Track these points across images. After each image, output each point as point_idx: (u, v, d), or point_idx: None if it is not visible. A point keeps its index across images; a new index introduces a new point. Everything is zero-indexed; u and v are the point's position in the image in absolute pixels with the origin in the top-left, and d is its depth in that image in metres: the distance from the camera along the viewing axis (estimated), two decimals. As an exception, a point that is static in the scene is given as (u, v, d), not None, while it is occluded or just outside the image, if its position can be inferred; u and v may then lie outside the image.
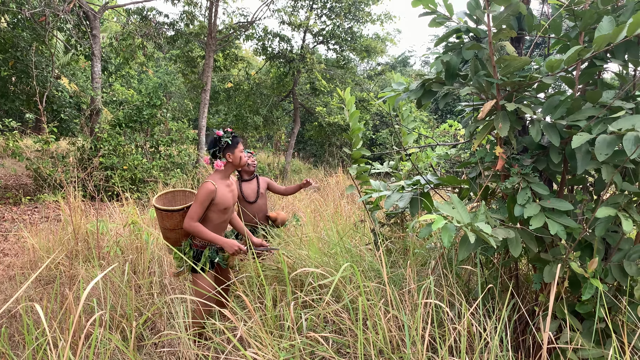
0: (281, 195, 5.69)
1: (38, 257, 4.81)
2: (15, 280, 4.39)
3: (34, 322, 2.79)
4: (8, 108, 11.52)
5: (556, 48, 2.56)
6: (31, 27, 10.39)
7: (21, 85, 10.68)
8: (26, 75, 10.35)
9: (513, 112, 2.27)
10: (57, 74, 12.17)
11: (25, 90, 10.78)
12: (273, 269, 3.44)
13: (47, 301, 3.30)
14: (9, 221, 7.15)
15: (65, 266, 4.47)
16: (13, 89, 10.64)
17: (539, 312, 2.39)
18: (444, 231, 1.91)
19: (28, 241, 5.01)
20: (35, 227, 5.92)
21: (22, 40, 10.37)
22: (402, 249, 3.72)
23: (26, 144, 10.94)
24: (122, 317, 3.31)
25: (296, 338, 2.30)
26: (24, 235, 5.46)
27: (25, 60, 10.26)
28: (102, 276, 3.66)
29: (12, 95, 10.87)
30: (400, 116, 3.92)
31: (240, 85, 16.69)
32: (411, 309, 2.52)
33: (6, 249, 5.69)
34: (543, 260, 2.32)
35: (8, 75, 10.14)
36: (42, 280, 4.40)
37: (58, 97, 10.95)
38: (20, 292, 1.93)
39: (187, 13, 13.22)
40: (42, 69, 10.78)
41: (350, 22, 14.77)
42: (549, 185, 2.65)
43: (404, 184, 3.20)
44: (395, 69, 29.78)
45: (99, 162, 9.06)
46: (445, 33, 2.56)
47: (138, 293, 3.77)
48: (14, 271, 4.73)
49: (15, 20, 10.44)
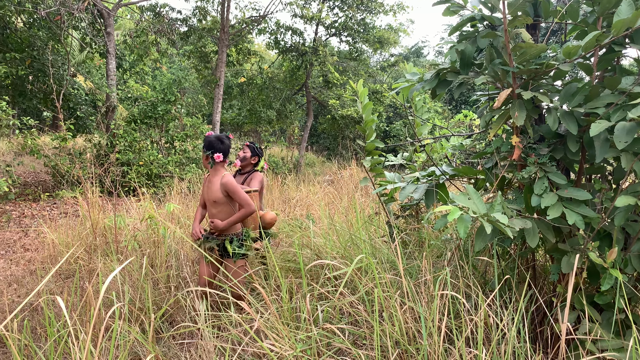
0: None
1: (58, 251, 4.89)
2: (36, 275, 4.47)
3: (55, 315, 2.85)
4: (26, 106, 11.68)
5: (573, 34, 2.51)
6: (47, 27, 10.51)
7: (38, 84, 10.82)
8: (43, 73, 10.48)
9: (529, 101, 2.24)
10: (73, 72, 12.31)
11: (42, 89, 10.92)
12: (288, 260, 3.45)
13: (68, 294, 3.36)
14: (29, 217, 7.28)
15: (84, 260, 4.54)
16: (30, 87, 10.78)
17: (557, 303, 2.37)
18: (459, 222, 1.89)
19: (48, 236, 5.09)
20: (54, 222, 6.01)
21: (38, 40, 10.49)
22: (417, 241, 3.70)
23: (44, 141, 11.09)
24: (141, 310, 3.36)
25: (312, 330, 2.31)
26: (43, 231, 5.55)
27: (42, 59, 10.38)
28: (121, 270, 3.71)
29: (30, 94, 11.01)
30: (413, 107, 3.89)
31: (253, 79, 16.71)
32: (427, 300, 2.51)
33: (27, 244, 5.79)
34: (561, 251, 2.29)
35: (25, 74, 10.27)
36: (62, 275, 4.47)
37: (74, 94, 11.07)
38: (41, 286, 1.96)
39: (199, 8, 13.26)
40: (58, 68, 10.90)
41: (362, 13, 14.67)
42: (567, 174, 2.61)
43: (418, 175, 3.18)
44: (409, 60, 29.55)
45: (116, 158, 9.16)
46: (459, 22, 2.52)
47: (156, 286, 3.82)
48: (34, 266, 4.82)
49: (31, 20, 10.56)
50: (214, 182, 3.45)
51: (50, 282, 4.14)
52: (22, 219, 7.14)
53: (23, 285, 4.27)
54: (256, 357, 2.59)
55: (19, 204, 8.19)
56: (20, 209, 7.84)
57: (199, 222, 3.63)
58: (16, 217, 7.27)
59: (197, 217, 3.67)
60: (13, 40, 10.37)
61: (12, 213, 7.45)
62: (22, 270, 4.76)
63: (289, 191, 8.82)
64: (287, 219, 5.41)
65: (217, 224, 3.41)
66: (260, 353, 2.55)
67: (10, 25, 10.30)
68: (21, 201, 8.38)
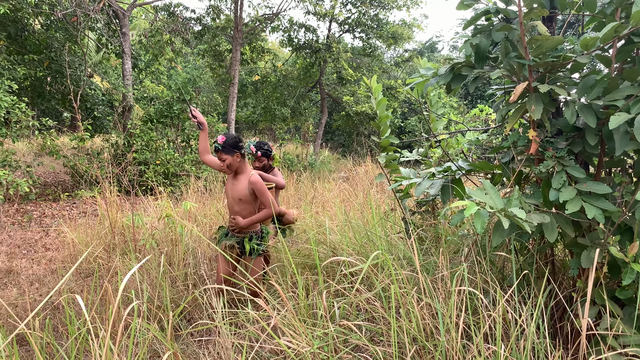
0: None
1: (77, 251, 4.97)
2: (57, 274, 4.55)
3: (75, 313, 2.90)
4: (45, 107, 11.87)
5: (591, 26, 2.47)
6: (64, 28, 10.65)
7: (56, 85, 10.98)
8: (60, 75, 10.63)
9: (546, 94, 2.21)
10: (90, 73, 12.46)
11: (60, 90, 11.08)
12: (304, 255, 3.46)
13: (87, 293, 3.42)
14: (49, 217, 7.40)
15: (103, 259, 4.61)
16: (49, 88, 10.95)
17: (577, 298, 2.34)
18: (476, 217, 1.88)
19: (68, 236, 5.18)
20: (74, 222, 6.11)
21: (55, 41, 10.64)
22: (434, 237, 3.68)
23: (63, 142, 11.28)
24: (159, 308, 3.40)
25: (329, 326, 2.31)
26: (63, 230, 5.64)
27: (59, 60, 10.53)
28: (139, 268, 3.76)
29: (48, 95, 11.19)
30: (428, 102, 3.86)
31: (267, 77, 16.75)
32: (444, 296, 2.50)
33: (48, 244, 5.90)
34: (580, 245, 2.26)
35: (44, 76, 10.43)
36: (82, 273, 4.54)
37: (91, 95, 11.22)
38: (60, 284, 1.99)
39: (213, 7, 13.32)
40: (75, 69, 11.05)
41: (375, 9, 14.60)
42: (585, 168, 2.57)
43: (434, 170, 3.16)
44: (423, 55, 29.34)
45: (133, 158, 9.26)
46: (473, 15, 2.50)
47: (174, 284, 3.86)
48: (55, 265, 4.90)
49: (48, 21, 10.72)
50: (240, 180, 3.47)
51: (71, 281, 4.21)
52: (43, 219, 7.27)
53: (44, 284, 4.35)
54: (273, 354, 2.60)
55: (40, 204, 8.33)
56: (41, 208, 7.98)
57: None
58: (37, 217, 7.41)
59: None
60: (31, 42, 10.54)
61: (33, 213, 7.59)
62: (44, 269, 4.84)
63: (304, 188, 8.83)
64: (303, 216, 5.42)
65: (238, 221, 3.44)
66: (277, 350, 2.56)
67: (28, 27, 10.47)
68: (42, 201, 8.53)
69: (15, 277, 4.62)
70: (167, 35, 12.28)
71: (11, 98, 7.36)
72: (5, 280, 4.54)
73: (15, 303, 3.84)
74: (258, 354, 2.63)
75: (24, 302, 3.81)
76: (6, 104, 7.17)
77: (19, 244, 5.86)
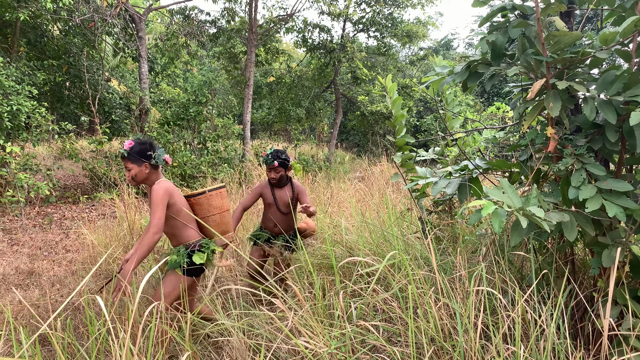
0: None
1: (97, 252, 5.04)
2: (77, 275, 4.62)
3: (95, 314, 2.94)
4: (64, 112, 12.08)
5: (610, 20, 2.43)
6: (82, 33, 10.84)
7: (75, 90, 11.17)
8: (79, 79, 10.81)
9: (564, 91, 2.17)
10: (107, 77, 12.65)
11: (78, 94, 11.27)
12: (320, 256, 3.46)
13: (107, 294, 3.46)
14: (69, 219, 7.52)
15: (122, 260, 4.66)
16: (67, 93, 11.15)
17: (598, 298, 2.30)
18: (494, 217, 1.86)
19: (87, 238, 5.25)
20: (93, 224, 6.20)
21: (74, 46, 10.83)
22: (451, 237, 3.65)
23: (82, 145, 11.45)
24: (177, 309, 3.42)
25: (346, 327, 2.31)
26: (83, 232, 5.73)
27: (78, 65, 10.71)
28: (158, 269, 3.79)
29: (67, 100, 11.39)
30: (444, 101, 3.83)
31: (282, 78, 16.79)
32: (462, 296, 2.47)
33: (68, 246, 5.99)
34: (601, 244, 2.22)
35: (62, 81, 10.62)
36: (101, 274, 4.61)
37: (109, 99, 11.38)
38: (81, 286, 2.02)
39: (227, 10, 13.40)
40: (93, 73, 11.23)
41: (390, 7, 14.55)
42: (606, 165, 2.53)
43: (451, 169, 3.14)
44: (438, 53, 29.16)
45: (150, 160, 9.34)
46: (489, 12, 2.47)
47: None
48: (75, 266, 4.98)
49: (67, 27, 10.91)
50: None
51: (91, 282, 4.27)
52: (63, 221, 7.39)
53: (65, 285, 4.42)
54: (291, 354, 2.61)
55: (60, 206, 8.47)
56: (61, 211, 8.12)
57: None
58: (57, 219, 7.53)
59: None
60: (50, 48, 10.74)
61: (54, 215, 7.72)
62: (64, 270, 4.92)
63: (319, 189, 8.83)
64: (318, 216, 5.42)
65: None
66: (294, 350, 2.57)
67: (47, 33, 10.67)
68: (62, 204, 8.67)
69: (37, 278, 4.71)
70: (182, 39, 12.40)
71: (31, 103, 7.50)
72: (28, 282, 4.63)
73: (38, 304, 3.91)
74: (275, 355, 2.64)
75: (45, 303, 3.87)
76: (27, 108, 7.31)
77: (40, 245, 5.96)
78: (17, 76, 7.99)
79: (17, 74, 8.03)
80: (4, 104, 6.99)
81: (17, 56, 9.32)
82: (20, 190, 6.85)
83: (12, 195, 6.70)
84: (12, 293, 4.26)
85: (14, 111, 7.16)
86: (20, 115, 7.27)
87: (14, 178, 6.66)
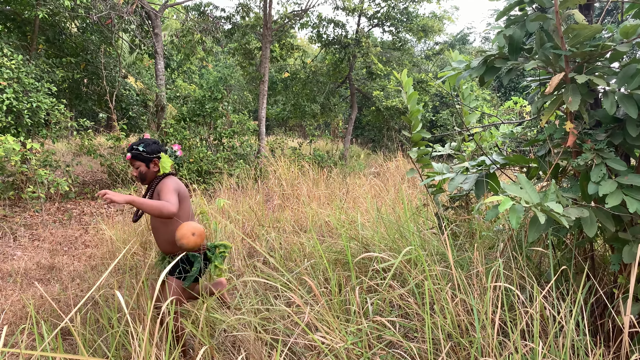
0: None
1: (115, 247, 5.12)
2: (96, 270, 4.69)
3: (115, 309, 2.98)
4: (82, 108, 12.24)
5: (631, 13, 2.38)
6: (99, 31, 10.96)
7: (92, 86, 11.31)
8: (96, 76, 10.94)
9: (584, 85, 2.14)
10: (124, 74, 12.78)
11: (96, 91, 11.41)
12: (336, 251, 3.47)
13: (126, 289, 3.52)
14: (88, 215, 7.64)
15: (140, 255, 4.73)
16: (85, 90, 11.29)
17: (619, 294, 2.27)
18: (511, 212, 1.85)
19: (106, 233, 5.33)
20: (111, 219, 6.29)
21: (91, 44, 10.96)
22: (468, 232, 3.63)
23: (100, 141, 11.59)
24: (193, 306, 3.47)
25: (363, 322, 2.31)
26: (102, 228, 5.82)
27: (95, 62, 10.84)
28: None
29: (85, 96, 11.54)
30: (460, 95, 3.80)
31: (296, 74, 16.79)
32: (480, 292, 2.46)
33: (87, 241, 6.09)
34: (622, 240, 2.19)
35: (80, 78, 10.76)
36: (120, 269, 4.67)
37: (126, 95, 11.50)
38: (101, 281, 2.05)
39: (242, 5, 13.43)
40: (110, 70, 11.35)
41: (405, 2, 14.44)
42: (626, 160, 2.49)
43: (468, 165, 3.12)
44: (454, 48, 28.86)
45: (167, 156, 9.43)
46: (507, 5, 2.45)
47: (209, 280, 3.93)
48: (94, 261, 5.06)
49: (84, 25, 11.04)
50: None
51: (110, 277, 4.33)
52: (82, 217, 7.51)
53: (85, 280, 4.50)
54: (307, 349, 2.62)
55: (79, 202, 8.60)
56: (80, 207, 8.24)
57: None
58: (77, 215, 7.65)
59: None
60: (68, 45, 10.87)
61: (73, 211, 7.84)
62: (84, 265, 5.01)
63: (334, 184, 8.84)
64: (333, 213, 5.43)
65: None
66: (311, 345, 2.58)
67: (65, 31, 10.80)
68: (81, 199, 8.81)
69: (57, 273, 4.79)
70: (198, 35, 12.46)
71: (51, 100, 7.62)
72: (49, 277, 4.72)
73: (59, 298, 3.99)
74: (291, 350, 2.66)
75: (66, 298, 3.95)
76: (46, 105, 7.43)
77: (60, 241, 6.06)
78: (36, 73, 8.12)
79: (37, 72, 8.16)
80: (24, 101, 7.11)
81: (36, 54, 9.46)
82: (40, 186, 6.97)
83: (32, 191, 6.82)
84: (34, 287, 4.35)
85: (34, 108, 7.28)
86: (40, 112, 7.39)
87: (35, 174, 6.78)
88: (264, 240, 4.91)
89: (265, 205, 6.59)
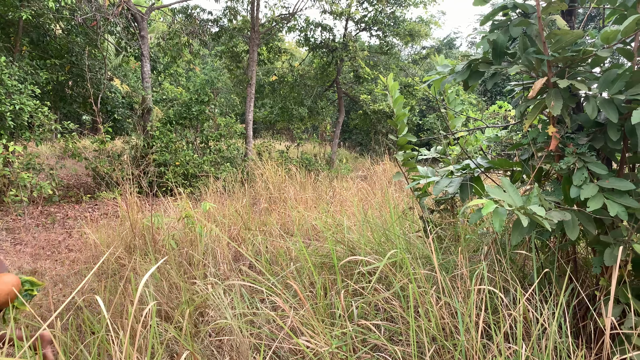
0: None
1: (99, 251, 5.05)
2: (80, 274, 4.63)
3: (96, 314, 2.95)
4: (66, 111, 12.09)
5: (612, 19, 2.42)
6: (84, 32, 10.85)
7: (77, 89, 11.19)
8: (81, 78, 10.83)
9: (566, 89, 2.17)
10: (110, 76, 12.66)
11: (81, 93, 11.29)
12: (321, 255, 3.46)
13: (108, 294, 3.47)
14: (72, 218, 7.54)
15: (124, 260, 4.67)
16: (70, 92, 11.17)
17: (600, 296, 2.29)
18: (494, 216, 1.86)
19: (90, 237, 5.26)
20: (96, 223, 6.21)
21: (76, 46, 10.84)
22: (453, 236, 3.65)
23: (84, 144, 11.47)
24: (176, 308, 3.43)
25: (348, 326, 2.31)
26: (86, 232, 5.74)
27: (80, 64, 10.73)
28: (159, 268, 3.80)
29: (70, 99, 11.41)
30: (446, 99, 3.83)
31: (284, 77, 16.80)
32: (464, 295, 2.47)
33: (71, 245, 6.01)
34: (603, 243, 2.22)
35: (65, 80, 10.64)
36: (104, 274, 4.61)
37: (111, 98, 11.40)
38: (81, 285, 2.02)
39: (230, 8, 13.41)
40: (95, 72, 11.24)
41: (392, 6, 14.52)
42: (608, 164, 2.52)
43: (452, 168, 3.13)
44: (441, 52, 29.09)
45: (152, 159, 9.38)
46: (491, 11, 2.47)
47: (194, 284, 3.89)
48: (78, 266, 4.99)
49: (69, 26, 10.93)
50: None
51: (93, 281, 4.28)
52: (66, 221, 7.41)
53: (68, 284, 4.43)
54: (292, 353, 2.61)
55: (63, 205, 8.49)
56: (64, 210, 8.14)
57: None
58: (60, 218, 7.55)
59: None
60: (53, 47, 10.75)
61: (57, 215, 7.74)
62: (67, 270, 4.93)
63: (321, 187, 8.83)
64: (320, 216, 5.42)
65: None
66: (295, 349, 2.57)
67: (50, 32, 10.69)
68: (65, 203, 8.70)
69: (39, 277, 4.72)
70: (185, 38, 12.40)
71: (34, 102, 7.52)
72: (30, 281, 4.64)
73: (40, 303, 3.92)
74: (276, 354, 2.64)
75: (48, 303, 3.88)
76: (29, 108, 7.33)
77: (43, 245, 5.97)
78: (19, 75, 8.01)
79: (20, 73, 8.05)
80: (7, 103, 7.00)
81: (19, 55, 9.34)
82: (23, 190, 6.87)
83: (15, 194, 6.71)
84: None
85: (17, 110, 7.18)
86: (23, 114, 7.29)
87: (17, 177, 6.68)
88: (250, 244, 4.88)
89: (251, 208, 6.57)
